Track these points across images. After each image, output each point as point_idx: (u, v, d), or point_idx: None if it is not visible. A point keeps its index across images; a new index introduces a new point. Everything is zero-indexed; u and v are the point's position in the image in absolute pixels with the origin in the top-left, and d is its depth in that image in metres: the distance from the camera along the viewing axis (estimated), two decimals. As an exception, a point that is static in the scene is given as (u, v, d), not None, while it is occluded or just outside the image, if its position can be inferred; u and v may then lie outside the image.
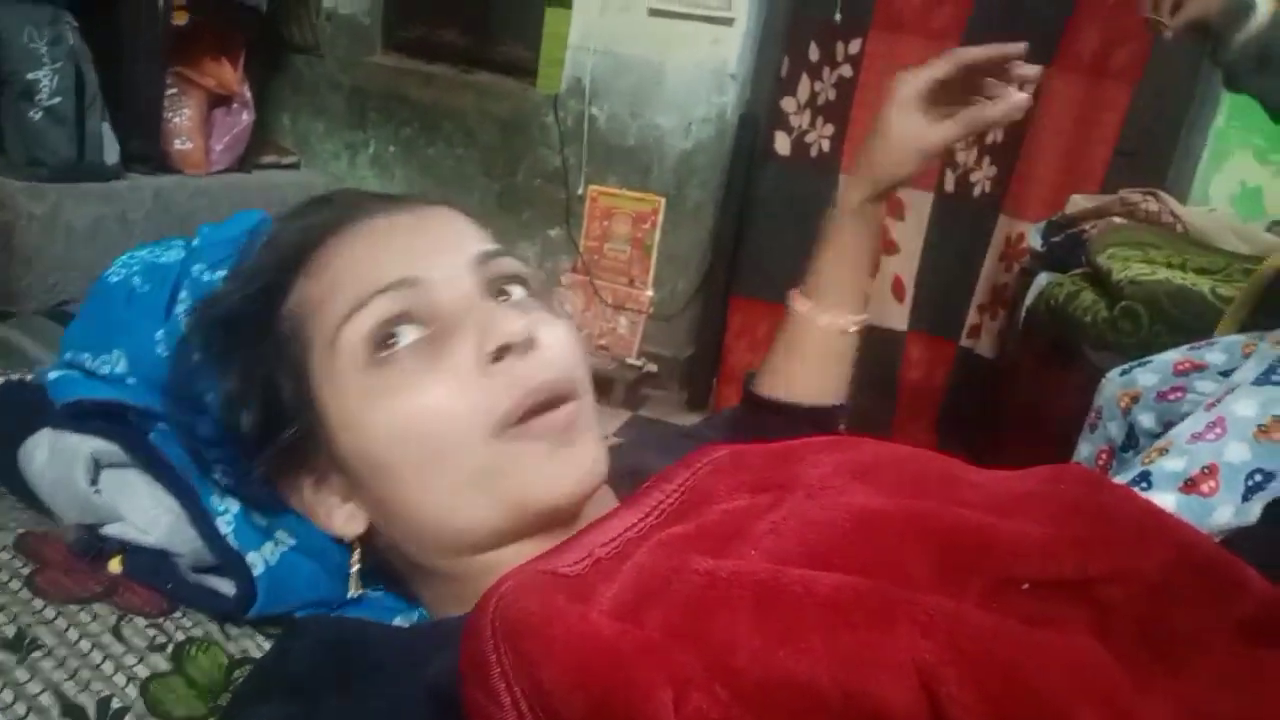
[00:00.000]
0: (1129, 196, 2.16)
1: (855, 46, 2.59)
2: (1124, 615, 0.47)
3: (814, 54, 2.63)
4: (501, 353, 0.51)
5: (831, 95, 2.64)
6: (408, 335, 0.52)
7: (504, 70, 2.97)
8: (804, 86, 2.65)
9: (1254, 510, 0.97)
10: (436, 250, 0.55)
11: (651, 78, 2.76)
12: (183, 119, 2.64)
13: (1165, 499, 0.98)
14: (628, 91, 2.80)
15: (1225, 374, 1.23)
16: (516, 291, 0.57)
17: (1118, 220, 1.96)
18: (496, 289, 0.56)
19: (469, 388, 0.51)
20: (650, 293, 2.88)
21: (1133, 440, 1.29)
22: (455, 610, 0.53)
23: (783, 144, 2.68)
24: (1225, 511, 0.97)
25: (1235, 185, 2.34)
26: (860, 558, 0.47)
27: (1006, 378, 2.28)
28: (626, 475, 0.60)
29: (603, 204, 2.88)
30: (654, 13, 2.72)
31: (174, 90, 2.61)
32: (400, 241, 0.55)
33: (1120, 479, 1.04)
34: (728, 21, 2.66)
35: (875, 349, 2.63)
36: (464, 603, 0.53)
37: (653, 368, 2.86)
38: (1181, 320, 1.47)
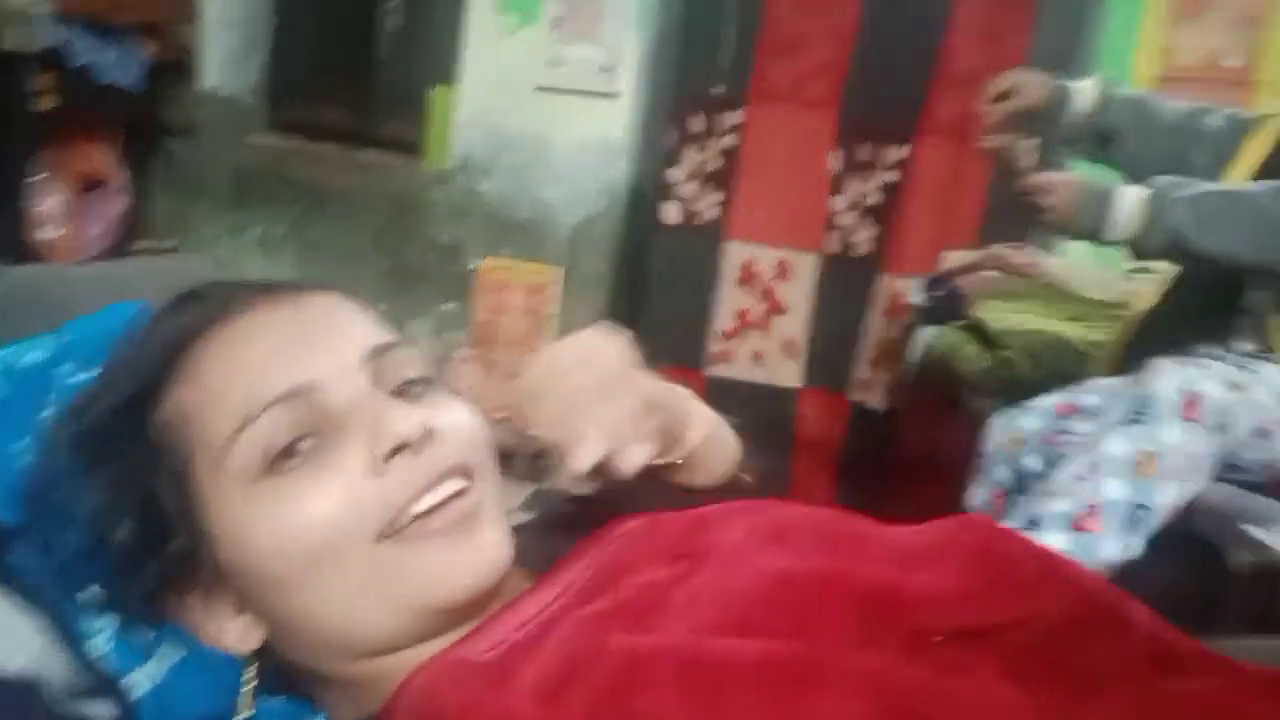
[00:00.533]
0: (1000, 251, 2.28)
1: (736, 117, 2.68)
2: (1029, 658, 0.49)
3: (698, 125, 2.71)
4: (394, 454, 0.49)
5: (716, 165, 2.72)
6: (303, 446, 0.50)
7: (390, 147, 2.97)
8: (689, 157, 2.73)
9: (1137, 543, 1.02)
10: (325, 347, 0.52)
11: (541, 152, 2.80)
12: (52, 205, 2.54)
13: (1057, 539, 1.02)
14: (518, 166, 2.83)
15: (1101, 415, 1.30)
16: (415, 387, 0.55)
17: (992, 274, 2.07)
18: (391, 382, 0.54)
19: (357, 492, 0.49)
20: (549, 363, 2.87)
21: (1021, 483, 1.35)
22: (361, 715, 0.51)
23: (672, 213, 2.75)
24: (1109, 547, 1.02)
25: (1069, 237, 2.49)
26: (780, 621, 0.47)
27: (897, 428, 2.36)
28: (534, 551, 0.59)
29: (496, 277, 2.88)
30: (540, 89, 2.77)
31: (44, 175, 2.51)
32: (285, 340, 0.52)
33: (1010, 522, 1.08)
34: (614, 96, 2.72)
35: (770, 406, 2.68)
36: (370, 706, 0.50)
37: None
38: (1056, 367, 1.56)
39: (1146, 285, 2.05)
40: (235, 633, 0.52)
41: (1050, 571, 0.55)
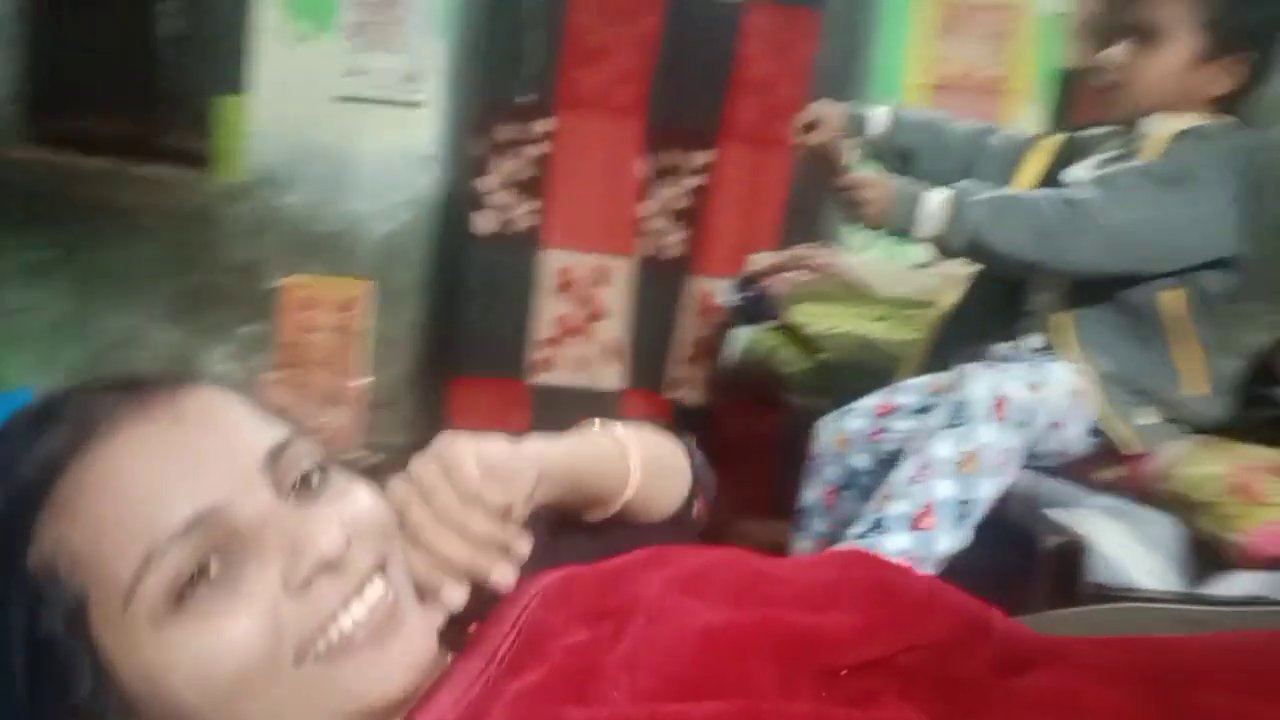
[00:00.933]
0: (802, 252, 2.43)
1: (546, 125, 2.70)
2: (923, 678, 0.54)
3: (507, 134, 2.71)
4: (317, 574, 0.48)
5: (528, 173, 2.73)
6: (211, 569, 0.47)
7: (177, 161, 2.76)
8: (500, 165, 2.71)
9: (966, 534, 1.13)
10: (219, 460, 0.49)
11: (345, 163, 2.70)
12: None
13: (900, 538, 1.11)
14: (320, 178, 2.71)
15: (917, 411, 1.43)
16: (314, 478, 0.52)
17: (800, 276, 2.20)
18: (290, 481, 0.51)
19: (276, 617, 0.47)
20: (364, 380, 2.79)
21: (851, 479, 1.45)
22: None
23: (486, 222, 2.73)
24: (945, 540, 1.13)
25: (880, 233, 2.69)
26: (713, 680, 0.50)
27: (714, 426, 2.46)
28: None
29: (301, 295, 2.75)
30: (341, 99, 2.67)
31: None
32: (173, 459, 0.48)
33: (858, 527, 1.17)
34: (417, 105, 2.67)
35: (595, 410, 2.71)
36: None
37: (378, 458, 2.76)
38: (870, 367, 1.68)
39: (934, 282, 2.25)
40: None
41: (930, 596, 0.61)
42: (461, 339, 2.75)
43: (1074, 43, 2.82)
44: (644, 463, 0.66)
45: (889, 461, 1.41)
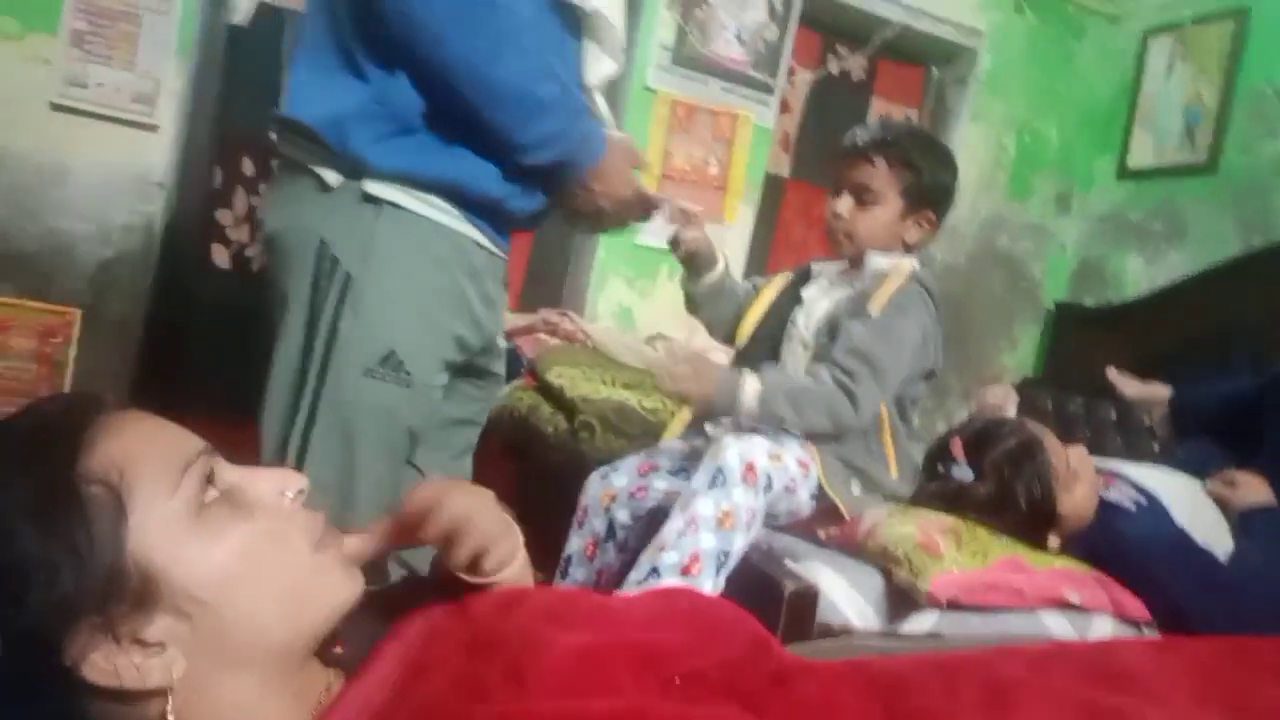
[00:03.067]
0: (549, 316, 2.59)
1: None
2: (729, 684, 0.72)
3: (249, 168, 2.63)
4: (299, 495, 0.64)
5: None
6: (213, 492, 0.61)
7: None
8: (240, 199, 2.63)
9: (722, 581, 1.34)
10: (187, 434, 0.63)
11: (56, 178, 2.48)
12: None
13: (672, 582, 1.29)
14: (23, 191, 2.47)
15: (673, 473, 1.63)
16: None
17: (551, 339, 2.36)
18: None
19: (286, 518, 0.63)
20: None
21: (612, 532, 1.62)
22: None
23: (221, 256, 2.62)
24: (708, 585, 1.32)
25: (615, 305, 2.94)
26: (591, 685, 0.63)
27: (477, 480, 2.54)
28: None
29: (-11, 315, 2.47)
30: (57, 108, 2.46)
31: None
32: (166, 426, 0.63)
33: (636, 573, 1.33)
34: (151, 128, 2.52)
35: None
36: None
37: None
38: (625, 430, 1.86)
39: (669, 353, 2.50)
40: (160, 667, 0.56)
41: (735, 620, 0.80)
42: (185, 376, 2.60)
43: (780, 152, 3.27)
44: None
45: (644, 517, 1.60)
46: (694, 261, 1.65)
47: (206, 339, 2.62)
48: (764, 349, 1.67)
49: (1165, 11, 3.25)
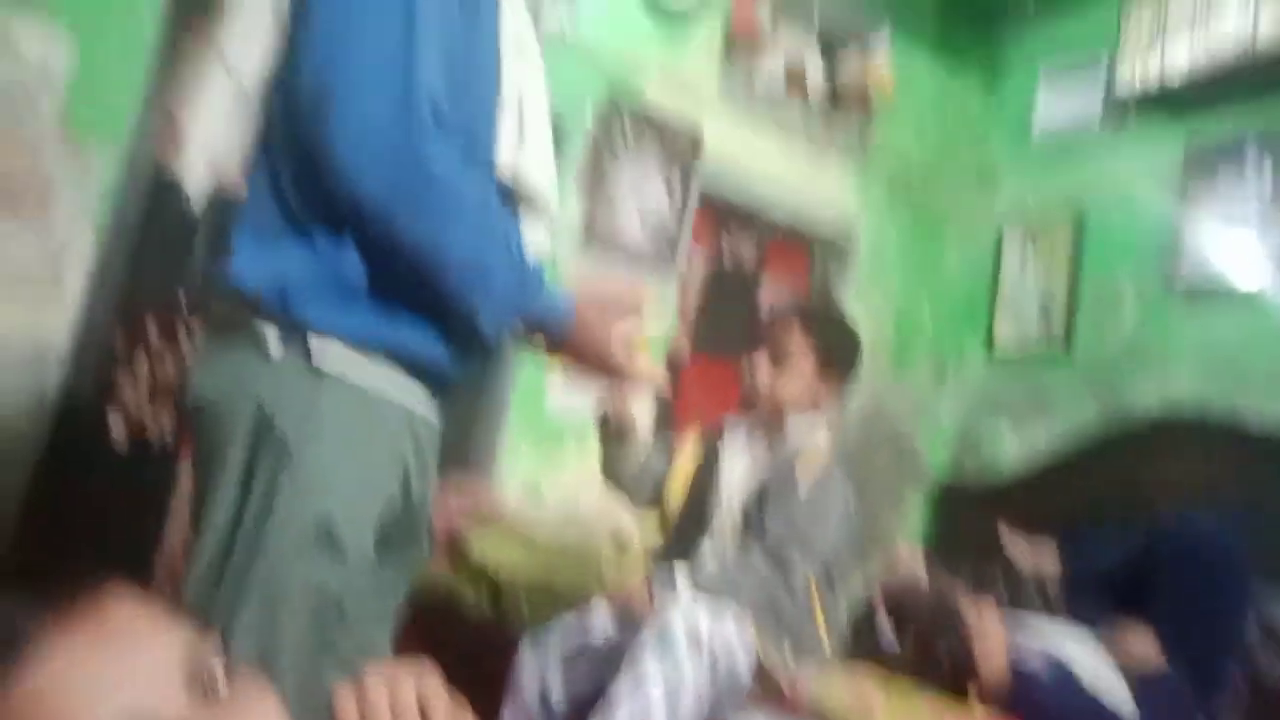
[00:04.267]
0: (461, 488, 2.58)
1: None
2: None
3: (155, 335, 2.58)
4: None
5: (170, 381, 2.60)
6: None
7: None
8: (143, 369, 2.56)
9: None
10: (140, 669, 0.53)
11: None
12: None
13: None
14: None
15: (606, 641, 1.63)
16: (219, 681, 0.57)
17: (467, 512, 2.34)
18: (204, 682, 0.56)
19: None
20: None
21: (546, 700, 1.59)
22: None
23: (118, 428, 2.52)
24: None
25: (523, 477, 2.94)
26: None
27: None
28: None
29: None
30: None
31: None
32: (98, 674, 0.53)
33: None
34: (48, 284, 2.46)
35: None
36: None
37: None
38: (549, 603, 1.86)
39: (578, 527, 2.52)
40: None
41: None
42: (72, 553, 2.44)
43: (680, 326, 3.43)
44: None
45: (580, 688, 1.58)
46: (621, 437, 1.71)
47: (96, 516, 2.48)
48: (693, 521, 1.74)
49: (1016, 212, 3.64)
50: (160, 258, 2.60)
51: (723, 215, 3.55)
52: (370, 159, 1.07)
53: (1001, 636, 1.69)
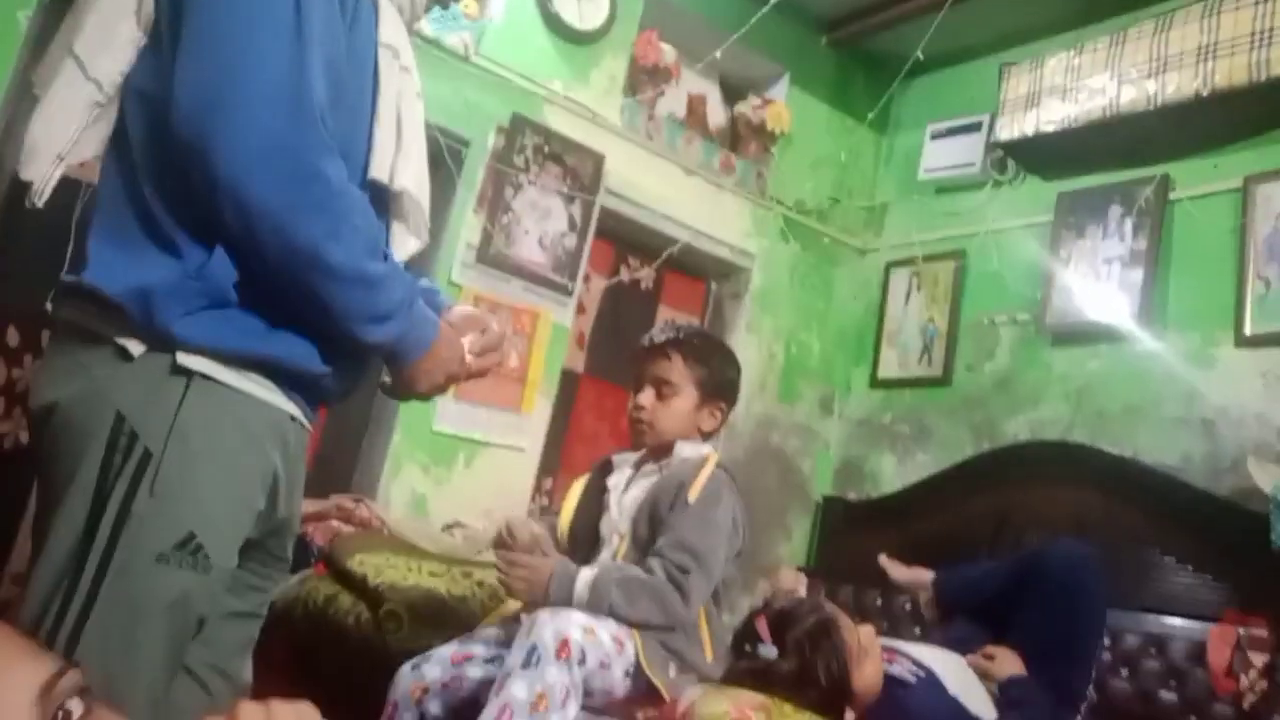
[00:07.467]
0: (344, 502, 2.52)
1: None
2: None
3: (14, 339, 2.45)
4: None
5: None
6: None
7: None
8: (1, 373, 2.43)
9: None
10: None
11: None
12: None
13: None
14: None
15: (489, 660, 1.60)
16: (75, 713, 0.56)
17: (345, 526, 2.28)
18: (58, 716, 0.54)
19: None
20: None
21: (422, 724, 1.55)
22: None
23: (-29, 433, 2.37)
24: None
25: (409, 492, 2.89)
26: None
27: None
28: None
29: None
30: None
31: None
32: None
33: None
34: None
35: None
36: None
37: None
38: (433, 618, 1.82)
39: (461, 542, 2.48)
40: None
41: None
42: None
43: (575, 350, 3.44)
44: None
45: (460, 708, 1.56)
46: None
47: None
48: (583, 545, 1.74)
49: (902, 249, 3.80)
50: (21, 262, 2.47)
51: (621, 243, 3.58)
52: (267, 170, 1.04)
53: (878, 657, 1.74)
